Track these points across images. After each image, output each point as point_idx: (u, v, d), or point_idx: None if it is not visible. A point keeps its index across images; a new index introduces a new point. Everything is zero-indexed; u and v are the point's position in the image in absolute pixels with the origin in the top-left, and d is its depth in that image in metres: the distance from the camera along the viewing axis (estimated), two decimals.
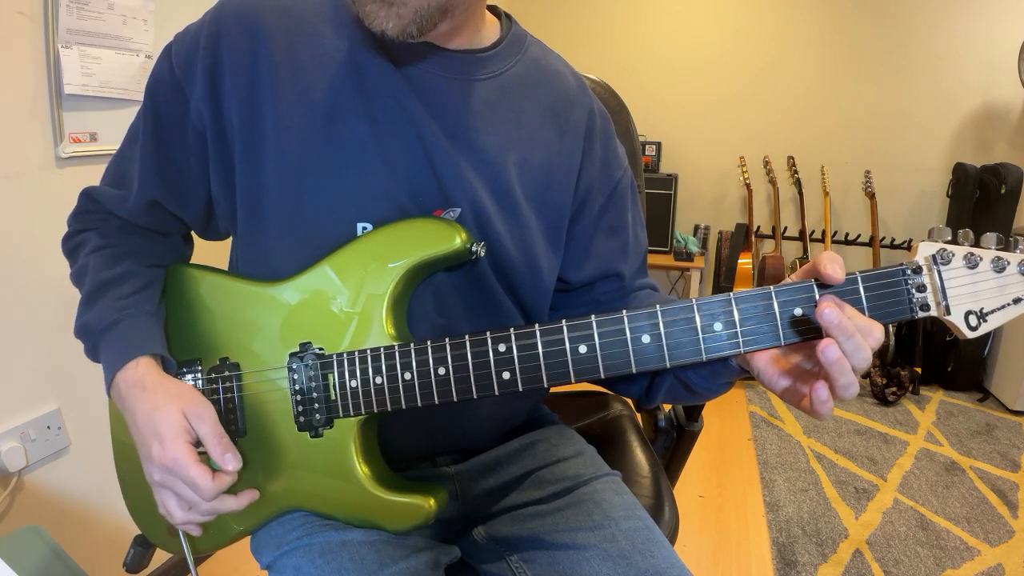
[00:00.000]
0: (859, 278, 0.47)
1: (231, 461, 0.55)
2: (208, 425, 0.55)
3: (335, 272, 0.58)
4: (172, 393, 0.56)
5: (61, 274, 1.13)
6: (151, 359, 0.58)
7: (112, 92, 1.19)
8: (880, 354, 2.48)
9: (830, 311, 0.44)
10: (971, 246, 0.48)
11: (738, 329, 0.49)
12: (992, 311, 0.48)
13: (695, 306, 0.49)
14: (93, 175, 0.75)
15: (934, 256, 0.48)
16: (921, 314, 0.48)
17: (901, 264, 0.48)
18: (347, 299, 0.58)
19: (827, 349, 0.44)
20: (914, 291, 0.48)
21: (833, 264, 0.47)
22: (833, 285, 0.47)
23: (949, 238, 0.48)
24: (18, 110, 1.06)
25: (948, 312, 0.47)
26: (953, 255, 0.47)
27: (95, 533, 1.28)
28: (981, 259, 0.47)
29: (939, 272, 0.47)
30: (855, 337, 0.44)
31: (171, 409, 0.55)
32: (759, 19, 2.74)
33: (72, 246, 0.67)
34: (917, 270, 0.48)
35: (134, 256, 0.64)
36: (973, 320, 0.48)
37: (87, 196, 0.67)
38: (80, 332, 0.61)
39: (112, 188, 0.65)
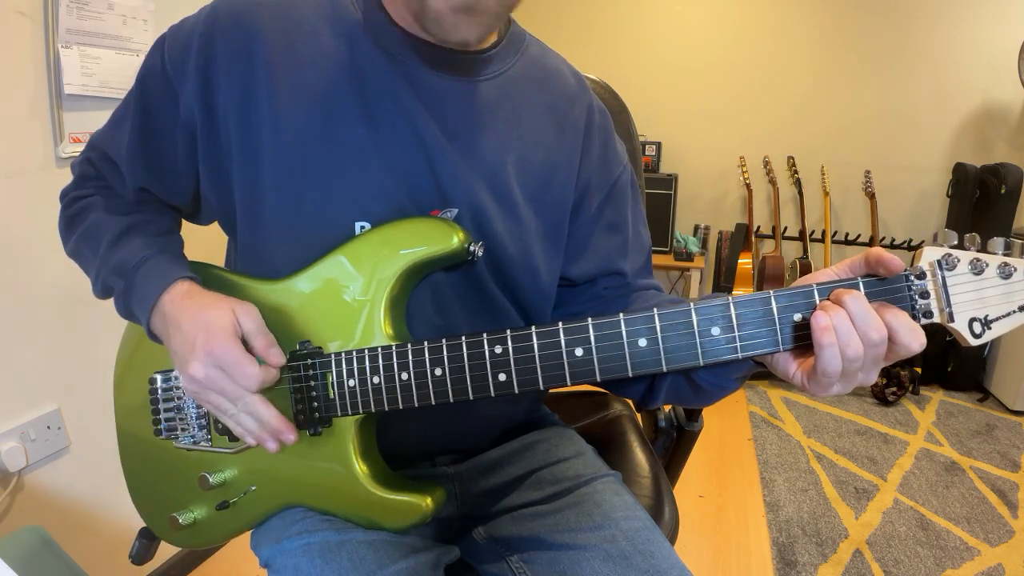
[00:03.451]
0: (861, 284, 0.46)
1: (275, 355, 0.55)
2: (253, 321, 0.56)
3: (333, 271, 0.58)
4: (219, 296, 0.57)
5: (62, 274, 1.14)
6: (193, 282, 0.60)
7: (112, 92, 1.19)
8: None
9: (821, 315, 0.44)
10: (977, 251, 0.46)
11: (736, 334, 0.48)
12: (997, 318, 0.46)
13: (692, 310, 0.49)
14: None
15: (939, 261, 0.46)
16: (924, 321, 0.46)
17: (905, 271, 0.47)
18: (345, 298, 0.58)
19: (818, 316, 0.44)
20: (917, 298, 0.46)
21: (888, 253, 0.45)
22: (835, 287, 0.46)
23: (955, 242, 0.47)
24: (18, 110, 1.07)
25: (952, 319, 0.46)
26: (958, 260, 0.46)
27: (95, 533, 1.28)
28: (987, 265, 0.46)
29: (943, 278, 0.46)
30: (853, 333, 0.44)
31: (221, 305, 0.55)
32: (759, 19, 2.74)
33: (75, 211, 0.66)
34: (921, 276, 0.47)
35: (148, 211, 0.66)
36: (977, 328, 0.46)
37: (89, 162, 0.67)
38: (113, 272, 0.60)
39: (105, 164, 0.66)
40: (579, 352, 0.51)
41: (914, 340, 0.44)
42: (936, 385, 2.63)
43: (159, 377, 0.65)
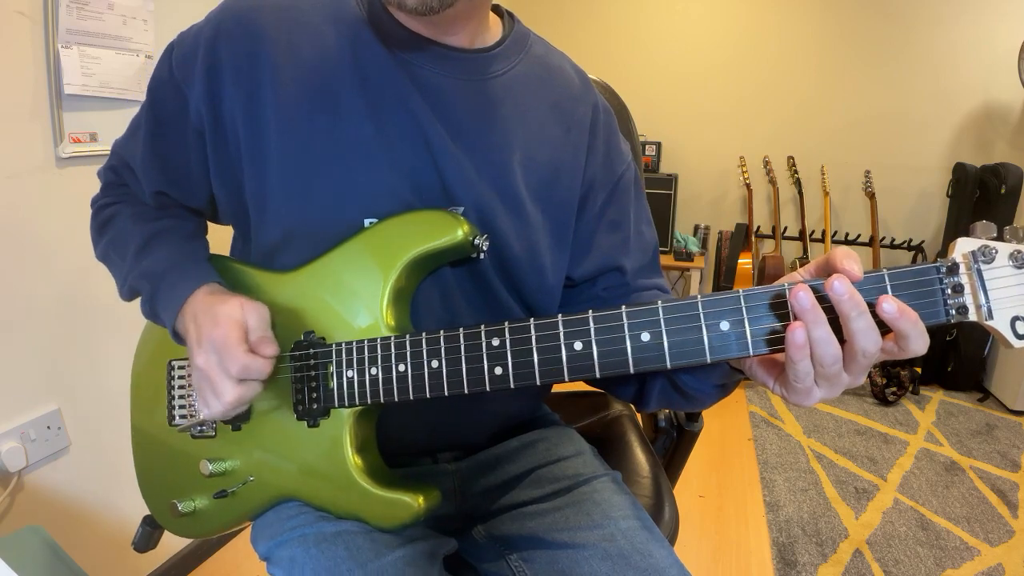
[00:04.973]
0: (886, 276, 0.42)
1: (268, 346, 0.56)
2: (257, 317, 0.58)
3: (339, 263, 0.59)
4: (237, 296, 0.59)
5: (62, 274, 1.14)
6: (218, 285, 0.62)
7: (112, 92, 1.19)
8: None
9: (840, 283, 0.40)
10: (1019, 243, 0.42)
11: (747, 329, 0.44)
12: None
13: (700, 303, 0.45)
14: (93, 175, 0.75)
15: (974, 253, 0.42)
16: (957, 318, 0.42)
17: (936, 261, 0.42)
18: (350, 290, 0.58)
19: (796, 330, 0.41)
20: (949, 291, 0.42)
21: (850, 260, 0.42)
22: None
23: (994, 234, 0.42)
24: (18, 110, 1.07)
25: (990, 316, 0.41)
26: (996, 252, 0.41)
27: (95, 533, 1.28)
28: None
29: (979, 271, 0.41)
30: (866, 315, 0.41)
31: (233, 301, 0.58)
32: (759, 19, 2.74)
33: (104, 218, 0.69)
34: (953, 268, 0.42)
35: (172, 217, 0.68)
36: (1020, 327, 0.41)
37: (113, 170, 0.70)
38: (141, 277, 0.63)
39: (126, 172, 0.69)
40: (578, 346, 0.49)
41: (870, 340, 0.42)
42: (936, 385, 2.63)
43: (176, 364, 0.68)
